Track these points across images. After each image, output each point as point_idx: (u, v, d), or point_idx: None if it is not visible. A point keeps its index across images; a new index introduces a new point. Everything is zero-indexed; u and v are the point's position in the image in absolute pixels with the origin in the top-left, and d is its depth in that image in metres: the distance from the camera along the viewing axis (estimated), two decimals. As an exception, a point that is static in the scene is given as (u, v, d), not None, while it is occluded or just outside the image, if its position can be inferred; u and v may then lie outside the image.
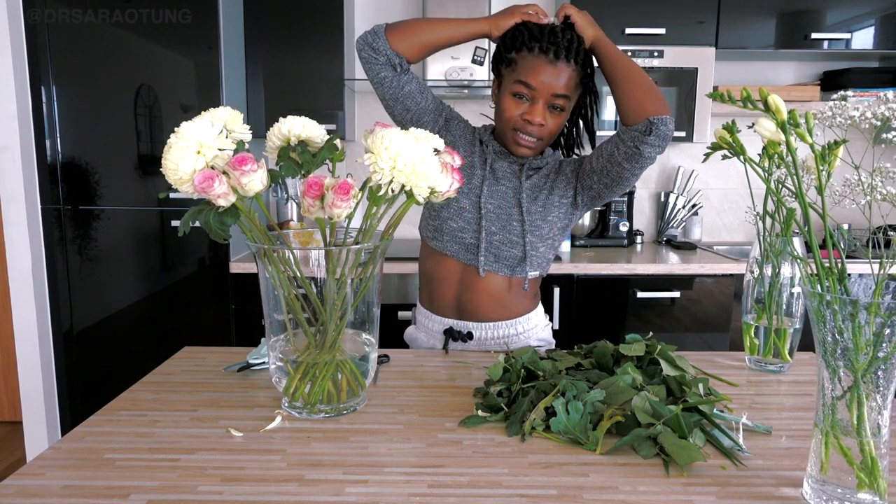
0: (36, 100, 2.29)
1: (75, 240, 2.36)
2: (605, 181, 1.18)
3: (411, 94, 1.24)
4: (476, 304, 1.27)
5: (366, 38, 1.19)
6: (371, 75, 1.22)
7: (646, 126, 1.09)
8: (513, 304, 1.28)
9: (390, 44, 1.18)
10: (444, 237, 1.26)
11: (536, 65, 1.13)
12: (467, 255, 1.25)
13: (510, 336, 1.29)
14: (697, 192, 2.86)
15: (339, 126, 2.48)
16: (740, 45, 2.47)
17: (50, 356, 2.43)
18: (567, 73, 1.12)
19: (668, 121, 1.10)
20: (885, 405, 0.64)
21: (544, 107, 1.15)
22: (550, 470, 0.76)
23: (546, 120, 1.16)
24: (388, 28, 1.19)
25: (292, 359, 0.91)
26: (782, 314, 1.11)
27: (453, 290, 1.29)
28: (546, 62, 1.12)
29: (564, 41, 1.12)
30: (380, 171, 0.80)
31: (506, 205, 1.23)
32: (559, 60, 1.12)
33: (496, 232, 1.22)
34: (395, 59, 1.19)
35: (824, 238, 0.66)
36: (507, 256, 1.23)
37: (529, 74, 1.13)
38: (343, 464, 0.77)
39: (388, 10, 2.74)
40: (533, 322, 1.32)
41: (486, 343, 1.29)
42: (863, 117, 0.65)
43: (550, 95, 1.14)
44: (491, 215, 1.23)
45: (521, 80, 1.14)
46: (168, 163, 0.77)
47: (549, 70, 1.12)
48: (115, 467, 0.75)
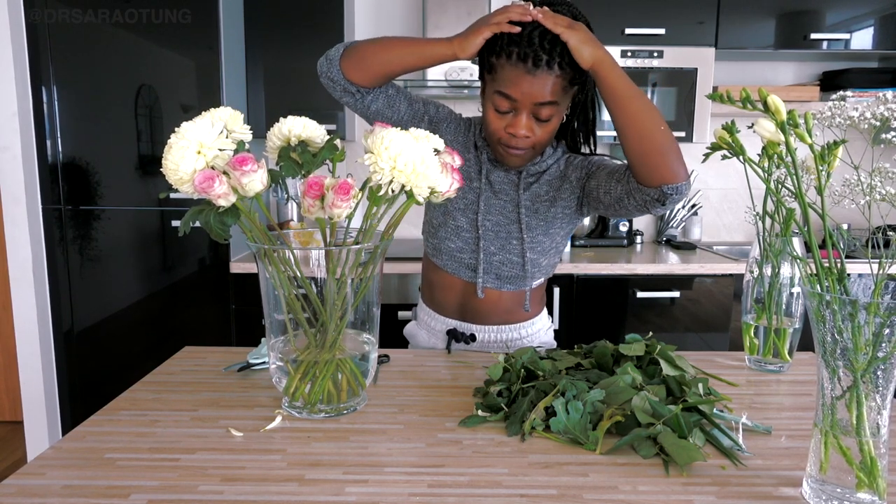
0: (36, 100, 2.29)
1: (76, 240, 2.36)
2: (609, 211, 1.13)
3: (379, 112, 1.16)
4: (479, 311, 1.26)
5: (321, 66, 1.13)
6: (336, 98, 1.16)
7: (658, 194, 1.01)
8: (517, 311, 1.28)
9: (344, 73, 1.10)
10: (444, 256, 1.24)
11: (515, 74, 1.01)
12: (468, 273, 1.22)
13: (513, 339, 1.28)
14: (697, 192, 2.86)
15: (339, 126, 2.49)
16: (740, 46, 2.47)
17: (50, 356, 2.43)
18: (550, 81, 1.00)
19: (683, 189, 1.00)
20: (885, 405, 0.64)
21: (529, 117, 1.05)
22: (550, 470, 0.76)
23: (533, 131, 1.06)
24: (343, 55, 1.10)
25: (292, 358, 0.91)
26: (782, 314, 1.11)
27: (456, 298, 1.28)
28: (524, 72, 1.00)
29: (544, 46, 0.99)
30: (380, 171, 0.80)
31: (504, 221, 1.18)
32: (539, 69, 0.99)
33: (495, 252, 1.18)
34: (352, 88, 1.12)
35: (824, 238, 0.67)
36: (508, 276, 1.20)
37: (509, 85, 1.02)
38: (343, 464, 0.77)
39: (388, 10, 2.74)
40: (537, 326, 1.32)
41: (488, 345, 1.28)
42: (862, 117, 0.65)
43: (533, 105, 1.03)
44: (489, 234, 1.18)
45: (501, 92, 1.03)
46: (168, 163, 0.77)
47: (528, 80, 1.00)
48: (115, 467, 0.75)
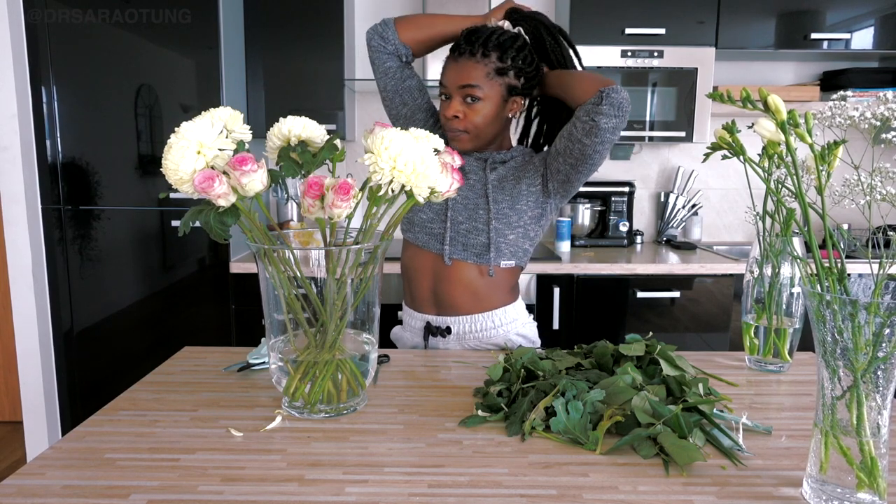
0: (36, 100, 2.29)
1: (75, 240, 2.36)
2: (570, 161, 1.19)
3: (411, 90, 1.33)
4: (451, 295, 1.29)
5: (376, 28, 1.30)
6: (378, 65, 1.31)
7: (598, 97, 1.12)
8: (486, 296, 1.29)
9: (399, 34, 1.30)
10: (415, 228, 1.32)
11: (445, 66, 1.24)
12: (436, 244, 1.29)
13: (488, 329, 1.29)
14: (697, 192, 2.86)
15: (339, 126, 2.48)
16: (740, 46, 2.47)
17: (50, 356, 2.43)
18: (470, 65, 1.19)
19: (618, 89, 1.12)
20: (885, 405, 0.64)
21: (460, 100, 1.21)
22: (550, 470, 0.76)
23: (462, 112, 1.22)
24: (396, 20, 1.31)
25: (292, 358, 0.91)
26: (782, 314, 1.11)
27: (429, 283, 1.32)
28: (451, 61, 1.23)
29: (469, 40, 1.20)
30: (380, 171, 0.80)
31: (473, 195, 1.27)
32: (461, 56, 1.20)
33: (462, 221, 1.27)
34: (402, 50, 1.30)
35: (824, 238, 0.66)
36: (474, 244, 1.26)
37: (442, 75, 1.24)
38: (343, 464, 0.77)
39: (388, 10, 2.74)
40: (511, 316, 1.31)
41: (464, 337, 1.30)
42: (862, 117, 0.65)
43: (457, 88, 1.20)
44: (458, 206, 1.28)
45: (440, 82, 1.25)
46: (168, 163, 0.77)
47: (452, 67, 1.22)
48: (115, 467, 0.75)
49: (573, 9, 2.44)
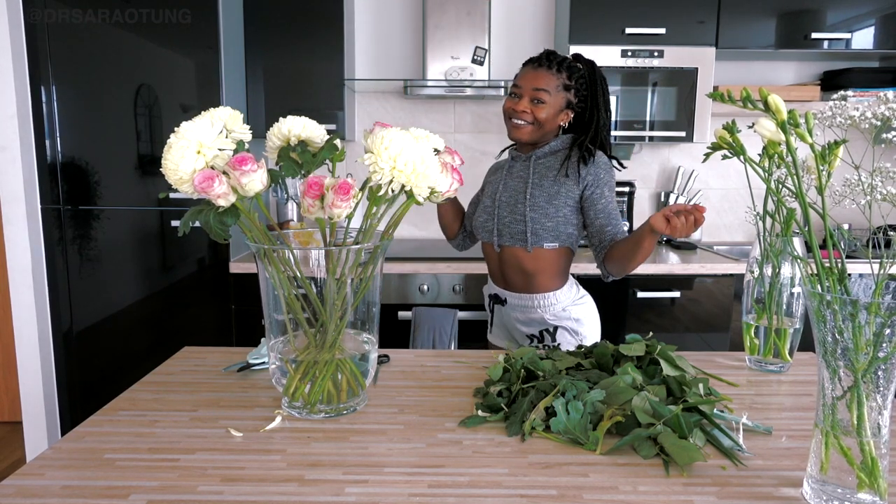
0: (36, 100, 2.29)
1: (75, 240, 2.36)
2: None
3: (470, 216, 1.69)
4: (505, 273, 1.56)
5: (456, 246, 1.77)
6: None
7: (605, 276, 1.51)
8: (534, 276, 1.51)
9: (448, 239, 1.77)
10: (479, 230, 1.62)
11: (523, 72, 1.50)
12: (490, 237, 1.56)
13: (535, 308, 1.51)
14: (697, 192, 2.86)
15: (339, 126, 2.48)
16: (740, 45, 2.47)
17: (50, 356, 2.43)
18: (546, 74, 1.45)
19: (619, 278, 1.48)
20: (885, 405, 0.64)
21: (529, 99, 1.46)
22: (550, 470, 0.76)
23: (529, 108, 1.46)
24: None
25: (292, 359, 0.91)
26: (782, 314, 1.11)
27: (494, 264, 1.60)
28: (530, 69, 1.48)
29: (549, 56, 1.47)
30: (380, 171, 0.80)
31: (516, 194, 1.52)
32: (540, 67, 1.46)
33: (506, 215, 1.52)
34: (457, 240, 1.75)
35: (824, 238, 0.66)
36: (515, 231, 1.50)
37: (518, 78, 1.50)
38: (343, 464, 0.77)
39: (388, 10, 2.74)
40: (559, 298, 1.51)
41: (517, 311, 1.54)
42: (863, 117, 0.65)
43: (531, 89, 1.45)
44: (504, 205, 1.53)
45: (514, 83, 1.51)
46: (168, 163, 0.77)
47: (530, 72, 1.47)
48: (115, 467, 0.75)
49: (573, 9, 2.44)
